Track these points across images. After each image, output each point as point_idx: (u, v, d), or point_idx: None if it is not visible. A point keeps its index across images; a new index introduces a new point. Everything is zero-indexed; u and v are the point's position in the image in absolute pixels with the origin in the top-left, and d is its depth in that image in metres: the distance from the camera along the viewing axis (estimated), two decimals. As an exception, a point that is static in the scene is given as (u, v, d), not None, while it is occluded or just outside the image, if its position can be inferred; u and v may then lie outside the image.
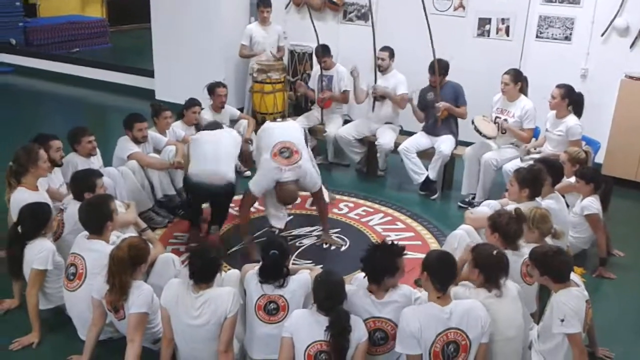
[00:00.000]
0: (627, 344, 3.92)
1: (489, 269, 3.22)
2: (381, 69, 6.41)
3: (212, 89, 6.36)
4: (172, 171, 5.43)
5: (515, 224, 3.63)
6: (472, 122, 5.76)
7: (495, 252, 3.27)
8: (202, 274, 3.25)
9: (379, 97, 6.42)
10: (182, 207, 5.42)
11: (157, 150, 5.52)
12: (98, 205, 3.72)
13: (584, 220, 4.68)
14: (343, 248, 5.01)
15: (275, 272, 3.39)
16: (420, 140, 6.22)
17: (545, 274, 3.29)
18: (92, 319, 3.47)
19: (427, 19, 5.83)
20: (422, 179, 6.08)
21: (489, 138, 5.77)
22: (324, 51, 6.76)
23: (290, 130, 4.89)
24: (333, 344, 3.01)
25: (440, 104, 6.02)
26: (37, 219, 3.79)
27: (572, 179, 4.91)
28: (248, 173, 6.30)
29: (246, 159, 5.77)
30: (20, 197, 4.08)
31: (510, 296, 3.25)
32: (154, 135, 5.55)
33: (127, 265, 3.30)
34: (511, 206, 4.09)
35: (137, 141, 5.30)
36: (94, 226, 3.66)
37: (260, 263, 3.46)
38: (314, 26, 6.53)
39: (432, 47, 5.86)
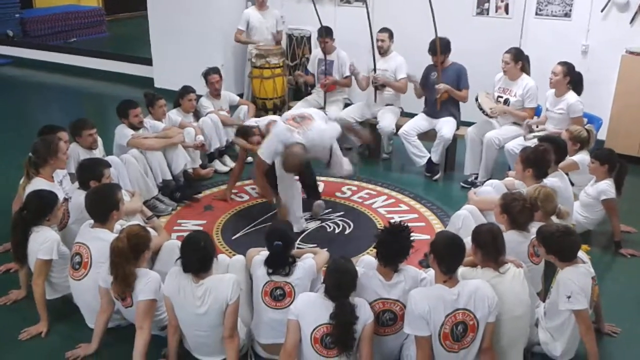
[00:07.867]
0: (634, 319, 3.92)
1: (486, 247, 3.23)
2: (381, 51, 6.33)
3: (206, 76, 6.32)
4: (169, 156, 5.41)
5: (528, 214, 3.60)
6: (476, 99, 5.73)
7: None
8: (191, 264, 3.21)
9: (380, 85, 6.37)
10: (180, 190, 5.45)
11: None
12: (105, 194, 3.72)
13: (597, 202, 4.66)
14: (347, 231, 5.02)
15: (280, 261, 3.37)
16: (420, 122, 6.17)
17: (551, 253, 3.30)
18: (100, 307, 3.48)
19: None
20: (424, 161, 6.05)
21: (492, 117, 5.75)
22: (326, 32, 6.67)
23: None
24: (335, 333, 3.01)
25: (439, 85, 5.95)
26: (43, 204, 3.79)
27: (575, 157, 4.91)
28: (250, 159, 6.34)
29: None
30: (38, 186, 4.10)
31: (516, 275, 3.24)
32: (152, 123, 5.54)
33: (128, 255, 3.29)
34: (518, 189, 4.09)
35: (134, 128, 5.27)
36: (100, 215, 3.66)
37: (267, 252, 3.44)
38: (315, 7, 6.45)
39: (435, 26, 5.78)
